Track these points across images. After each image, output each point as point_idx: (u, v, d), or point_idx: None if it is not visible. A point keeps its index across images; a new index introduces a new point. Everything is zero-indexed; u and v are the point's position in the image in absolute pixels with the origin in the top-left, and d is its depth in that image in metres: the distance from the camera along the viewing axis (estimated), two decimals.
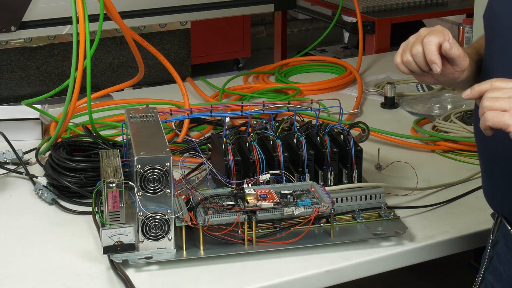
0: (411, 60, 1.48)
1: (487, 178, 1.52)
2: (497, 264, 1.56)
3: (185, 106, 2.20)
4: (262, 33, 6.27)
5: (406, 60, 1.48)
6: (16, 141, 2.03)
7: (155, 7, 2.64)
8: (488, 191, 1.53)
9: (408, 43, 1.50)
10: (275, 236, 1.60)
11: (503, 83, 1.29)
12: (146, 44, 2.10)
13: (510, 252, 1.52)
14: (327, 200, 1.59)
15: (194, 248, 1.56)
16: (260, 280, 1.51)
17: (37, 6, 2.45)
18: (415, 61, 1.48)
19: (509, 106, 1.25)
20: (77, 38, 1.88)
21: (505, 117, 1.25)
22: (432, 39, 1.45)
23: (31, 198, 1.84)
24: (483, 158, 1.52)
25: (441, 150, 2.06)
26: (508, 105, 1.25)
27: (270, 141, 1.74)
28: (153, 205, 1.52)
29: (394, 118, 2.30)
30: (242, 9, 2.78)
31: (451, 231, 1.67)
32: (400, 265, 1.63)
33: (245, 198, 1.58)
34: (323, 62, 2.78)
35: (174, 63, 2.90)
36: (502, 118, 1.25)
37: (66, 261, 1.58)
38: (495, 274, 1.56)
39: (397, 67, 1.51)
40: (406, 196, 1.82)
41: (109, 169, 1.59)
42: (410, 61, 1.48)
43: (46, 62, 2.85)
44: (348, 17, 3.96)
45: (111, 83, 2.90)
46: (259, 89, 2.50)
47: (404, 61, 1.49)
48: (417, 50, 1.47)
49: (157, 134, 1.61)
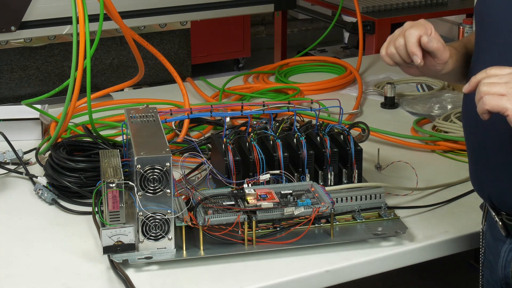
0: (394, 52, 1.55)
1: (474, 165, 1.54)
2: (489, 255, 1.58)
3: (185, 106, 2.20)
4: (262, 33, 6.27)
5: (390, 52, 1.56)
6: (16, 141, 2.03)
7: (155, 7, 2.64)
8: (476, 178, 1.55)
9: (393, 36, 1.57)
10: (275, 236, 1.60)
11: (498, 70, 1.32)
12: (146, 44, 2.10)
13: (496, 242, 1.54)
14: (327, 200, 1.59)
15: (194, 248, 1.56)
16: (260, 280, 1.51)
17: (37, 6, 2.45)
18: (398, 53, 1.55)
19: (506, 91, 1.28)
20: (77, 38, 1.88)
21: (503, 100, 1.28)
22: (413, 32, 1.53)
23: (31, 198, 1.84)
24: (471, 146, 1.54)
25: (441, 150, 2.06)
26: (505, 90, 1.28)
27: (270, 141, 1.74)
28: (153, 205, 1.52)
29: (394, 118, 2.30)
30: (242, 9, 2.78)
31: (451, 231, 1.67)
32: (400, 265, 1.63)
33: (245, 198, 1.58)
34: (323, 62, 2.78)
35: (174, 63, 2.90)
36: (500, 101, 1.28)
37: (66, 261, 1.58)
38: (489, 266, 1.57)
39: (382, 59, 1.58)
40: (406, 196, 1.82)
41: (109, 169, 1.59)
42: (394, 53, 1.55)
43: (46, 62, 2.85)
44: (348, 17, 3.97)
45: (111, 83, 2.90)
46: (259, 89, 2.50)
47: (388, 53, 1.56)
48: (400, 43, 1.54)
49: (157, 134, 1.61)
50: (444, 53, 1.55)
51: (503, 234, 1.51)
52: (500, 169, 1.46)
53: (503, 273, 1.52)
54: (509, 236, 1.51)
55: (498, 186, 1.47)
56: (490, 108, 1.29)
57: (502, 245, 1.52)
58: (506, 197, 1.46)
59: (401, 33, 1.55)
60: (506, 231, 1.50)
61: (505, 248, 1.51)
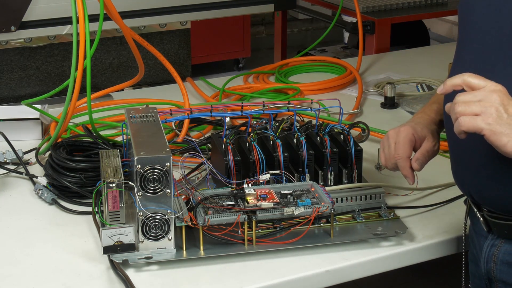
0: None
1: (455, 162, 1.55)
2: (473, 249, 1.59)
3: (185, 106, 2.20)
4: (262, 33, 6.27)
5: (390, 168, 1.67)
6: (16, 141, 2.03)
7: (155, 7, 2.64)
8: (456, 174, 1.56)
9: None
10: (275, 236, 1.60)
11: (475, 79, 1.33)
12: (146, 44, 2.10)
13: (477, 235, 1.56)
14: (327, 200, 1.59)
15: (194, 248, 1.56)
16: (260, 280, 1.51)
17: (37, 6, 2.45)
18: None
19: (480, 110, 1.30)
20: (77, 38, 1.88)
21: (478, 121, 1.30)
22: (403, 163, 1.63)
23: (31, 198, 1.84)
24: (451, 143, 1.55)
25: (441, 150, 2.05)
26: (479, 109, 1.30)
27: (270, 141, 1.74)
28: (153, 205, 1.52)
29: (394, 118, 2.30)
30: (242, 9, 2.78)
31: (451, 231, 1.67)
32: (400, 265, 1.63)
33: (245, 198, 1.58)
34: (323, 62, 2.78)
35: (174, 63, 2.90)
36: (475, 122, 1.30)
37: (66, 261, 1.58)
38: (474, 259, 1.59)
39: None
40: (406, 196, 1.82)
41: (109, 169, 1.59)
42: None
43: (46, 62, 2.85)
44: (348, 17, 3.96)
45: (111, 83, 2.90)
46: (259, 89, 2.50)
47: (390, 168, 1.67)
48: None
49: (157, 134, 1.61)
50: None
51: (484, 229, 1.52)
52: (478, 166, 1.46)
53: (485, 268, 1.53)
54: (490, 232, 1.51)
55: (477, 182, 1.48)
56: (466, 129, 1.31)
57: (484, 241, 1.53)
58: (485, 193, 1.47)
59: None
60: (487, 226, 1.51)
61: (487, 243, 1.52)
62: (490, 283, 1.54)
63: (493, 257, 1.51)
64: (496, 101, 1.30)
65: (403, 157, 1.62)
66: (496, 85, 1.32)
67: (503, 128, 1.29)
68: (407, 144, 1.62)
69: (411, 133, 1.62)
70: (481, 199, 1.50)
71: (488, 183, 1.45)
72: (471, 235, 1.60)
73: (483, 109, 1.30)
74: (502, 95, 1.31)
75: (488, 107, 1.30)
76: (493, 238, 1.51)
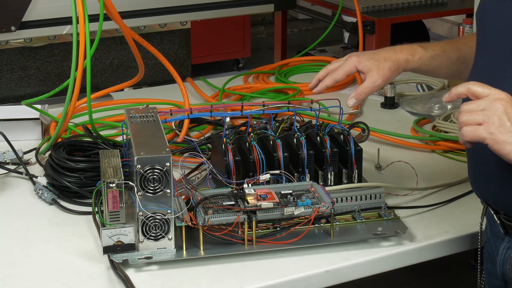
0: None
1: (472, 168, 1.55)
2: (489, 249, 1.59)
3: (185, 106, 2.20)
4: (262, 33, 6.27)
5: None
6: (16, 141, 2.03)
7: (155, 7, 2.64)
8: (474, 180, 1.56)
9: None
10: (275, 236, 1.60)
11: (479, 87, 1.33)
12: (146, 44, 2.10)
13: (493, 236, 1.56)
14: (327, 200, 1.59)
15: (194, 248, 1.56)
16: (260, 280, 1.51)
17: (37, 6, 2.45)
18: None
19: (482, 119, 1.31)
20: (77, 38, 1.88)
21: (480, 131, 1.31)
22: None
23: (31, 198, 1.84)
24: (468, 150, 1.54)
25: (441, 150, 2.06)
26: (482, 118, 1.31)
27: (270, 141, 1.74)
28: (153, 205, 1.52)
29: (394, 118, 2.30)
30: (242, 9, 2.78)
31: (451, 231, 1.67)
32: (400, 265, 1.63)
33: (245, 198, 1.58)
34: (323, 62, 2.78)
35: (174, 63, 2.90)
36: (477, 132, 1.31)
37: (66, 261, 1.58)
38: (490, 259, 1.59)
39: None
40: (406, 196, 1.82)
41: (109, 169, 1.59)
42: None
43: (46, 62, 2.85)
44: (348, 17, 3.96)
45: (111, 83, 2.90)
46: (259, 89, 2.50)
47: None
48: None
49: (157, 134, 1.61)
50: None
51: (501, 231, 1.51)
52: (492, 173, 1.46)
53: (501, 270, 1.53)
54: (507, 234, 1.51)
55: (491, 189, 1.48)
56: (468, 139, 1.32)
57: (501, 243, 1.53)
58: (499, 198, 1.47)
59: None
60: (504, 229, 1.51)
61: (503, 245, 1.52)
62: (506, 284, 1.53)
63: (509, 259, 1.51)
64: (499, 109, 1.30)
65: (331, 78, 1.78)
66: (501, 93, 1.32)
67: (506, 137, 1.29)
68: (342, 72, 1.77)
69: (354, 66, 1.75)
70: (496, 205, 1.50)
71: (502, 190, 1.45)
72: (487, 235, 1.60)
73: (485, 118, 1.30)
74: (505, 103, 1.31)
75: (490, 116, 1.30)
76: (510, 241, 1.51)
